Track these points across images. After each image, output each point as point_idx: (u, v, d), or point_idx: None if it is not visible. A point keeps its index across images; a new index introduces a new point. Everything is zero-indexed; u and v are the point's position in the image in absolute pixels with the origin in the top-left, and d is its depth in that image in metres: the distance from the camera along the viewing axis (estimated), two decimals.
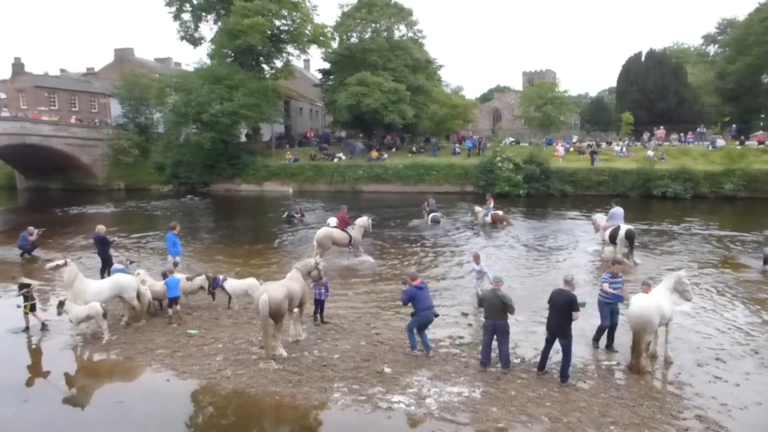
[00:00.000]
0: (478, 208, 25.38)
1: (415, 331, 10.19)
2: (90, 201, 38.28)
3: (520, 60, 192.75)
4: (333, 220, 22.60)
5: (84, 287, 11.72)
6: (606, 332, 10.51)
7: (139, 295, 12.10)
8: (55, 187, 48.76)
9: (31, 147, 42.84)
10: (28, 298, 11.81)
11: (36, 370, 10.38)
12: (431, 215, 25.00)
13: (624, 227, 16.94)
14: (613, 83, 68.01)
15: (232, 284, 13.07)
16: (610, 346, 10.46)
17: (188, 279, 13.26)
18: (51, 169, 47.81)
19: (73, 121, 49.15)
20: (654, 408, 8.30)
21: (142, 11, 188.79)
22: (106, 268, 15.28)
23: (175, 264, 14.70)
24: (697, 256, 18.57)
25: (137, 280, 12.42)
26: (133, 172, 47.97)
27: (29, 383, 9.78)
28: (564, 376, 9.06)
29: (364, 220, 18.61)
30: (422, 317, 10.07)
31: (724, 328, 11.70)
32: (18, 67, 54.33)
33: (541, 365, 9.37)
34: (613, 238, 16.98)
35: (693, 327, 11.70)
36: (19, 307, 11.83)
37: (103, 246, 15.63)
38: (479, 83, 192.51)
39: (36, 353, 10.98)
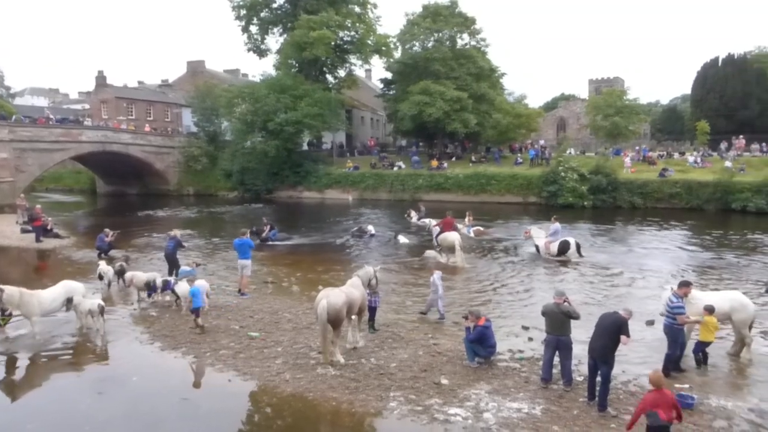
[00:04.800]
0: (460, 225, 25.49)
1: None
2: (162, 205, 40.30)
3: (586, 67, 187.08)
4: (402, 237, 23.72)
5: (36, 300, 11.88)
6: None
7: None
8: (131, 192, 51.66)
9: (112, 154, 45.62)
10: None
11: (107, 365, 10.92)
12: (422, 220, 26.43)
13: (572, 239, 19.97)
14: (686, 90, 65.07)
15: (182, 287, 13.58)
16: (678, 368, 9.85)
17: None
18: (128, 175, 50.70)
19: (147, 129, 52.03)
20: None
21: (213, 25, 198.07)
22: (173, 269, 16.02)
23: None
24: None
25: (82, 286, 12.83)
26: (202, 178, 50.12)
27: (102, 377, 10.30)
28: (602, 405, 8.39)
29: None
30: (487, 352, 10.18)
31: None
32: (101, 79, 58.27)
33: (591, 394, 8.69)
34: (562, 251, 19.52)
35: None
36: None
37: (174, 248, 16.39)
38: (543, 92, 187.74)
39: (106, 350, 11.53)
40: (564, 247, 19.52)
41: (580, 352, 9.95)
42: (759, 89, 54.19)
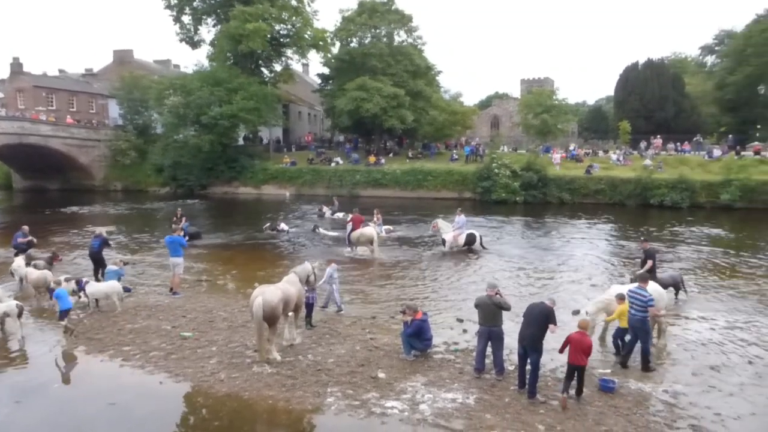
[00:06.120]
0: (370, 224, 25.94)
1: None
2: (87, 201, 38.24)
3: (518, 67, 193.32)
4: (321, 230, 24.55)
5: None
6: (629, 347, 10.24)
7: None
8: (52, 188, 48.67)
9: (30, 147, 42.78)
10: None
11: (26, 371, 10.28)
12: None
13: (476, 233, 21.01)
14: (611, 91, 68.38)
15: (92, 287, 13.21)
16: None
17: (66, 280, 13.30)
18: (49, 169, 47.72)
19: (69, 121, 49.12)
20: (648, 417, 8.29)
21: (141, 13, 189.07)
22: (99, 269, 15.28)
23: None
24: (691, 263, 18.62)
25: None
26: (130, 173, 47.95)
27: (20, 384, 9.69)
28: (532, 392, 8.74)
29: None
30: (424, 345, 10.37)
31: (718, 336, 11.73)
32: (16, 66, 54.29)
33: (521, 382, 9.03)
34: (468, 243, 20.42)
35: (688, 336, 11.73)
36: None
37: (99, 247, 15.62)
38: (478, 90, 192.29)
39: (25, 355, 10.87)
40: (471, 239, 20.47)
41: (511, 343, 10.34)
42: (674, 92, 57.88)
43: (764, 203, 33.03)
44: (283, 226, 25.08)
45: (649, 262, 13.60)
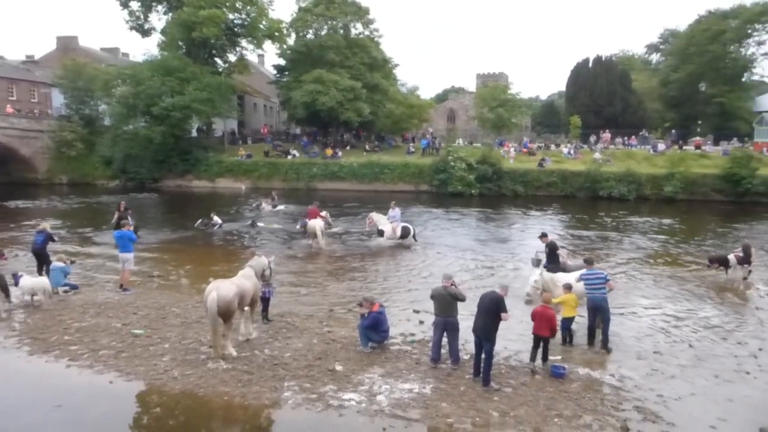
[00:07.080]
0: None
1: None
2: (30, 195, 36.50)
3: (474, 62, 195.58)
4: (260, 224, 24.29)
5: None
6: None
7: None
8: None
9: None
10: None
11: None
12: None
13: (410, 226, 21.09)
14: (563, 87, 70.12)
15: (21, 282, 12.69)
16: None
17: None
18: None
19: (9, 110, 46.66)
20: (596, 400, 8.62)
21: None
22: (42, 265, 14.66)
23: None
24: (637, 252, 19.42)
25: None
26: (77, 165, 46.04)
27: None
28: (486, 381, 8.92)
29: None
30: (380, 337, 10.44)
31: (661, 322, 12.30)
32: None
33: (476, 370, 9.20)
34: (403, 235, 20.62)
35: (634, 321, 12.25)
36: None
37: (43, 243, 14.96)
38: (435, 84, 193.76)
39: None
40: (405, 232, 20.80)
41: (466, 332, 10.52)
42: (622, 88, 59.92)
43: (703, 195, 34.81)
44: (216, 219, 24.29)
45: (562, 251, 14.09)
